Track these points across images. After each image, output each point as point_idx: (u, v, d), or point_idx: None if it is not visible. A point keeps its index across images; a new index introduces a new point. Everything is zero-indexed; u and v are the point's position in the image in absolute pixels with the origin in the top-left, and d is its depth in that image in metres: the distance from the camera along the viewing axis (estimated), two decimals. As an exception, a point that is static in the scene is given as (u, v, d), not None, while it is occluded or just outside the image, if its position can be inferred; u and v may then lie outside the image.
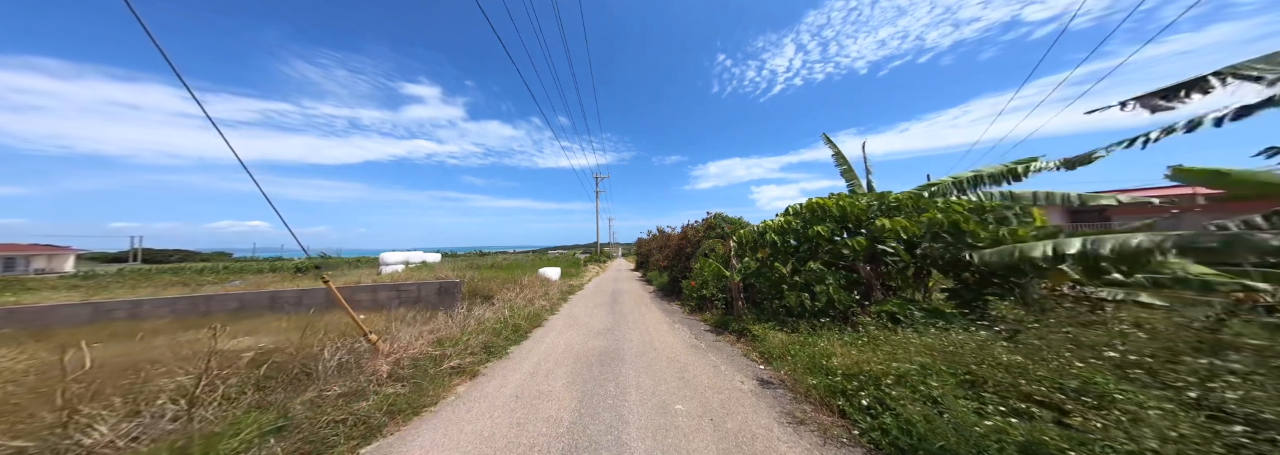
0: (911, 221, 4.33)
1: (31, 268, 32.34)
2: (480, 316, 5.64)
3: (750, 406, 2.80)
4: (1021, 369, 2.19)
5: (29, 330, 5.60)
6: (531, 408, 2.85)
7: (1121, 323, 2.67)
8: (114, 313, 6.33)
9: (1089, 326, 2.68)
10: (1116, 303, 3.35)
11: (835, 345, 3.35)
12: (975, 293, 4.02)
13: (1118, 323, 2.69)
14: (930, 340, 2.94)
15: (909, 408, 2.10)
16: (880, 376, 2.52)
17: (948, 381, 2.27)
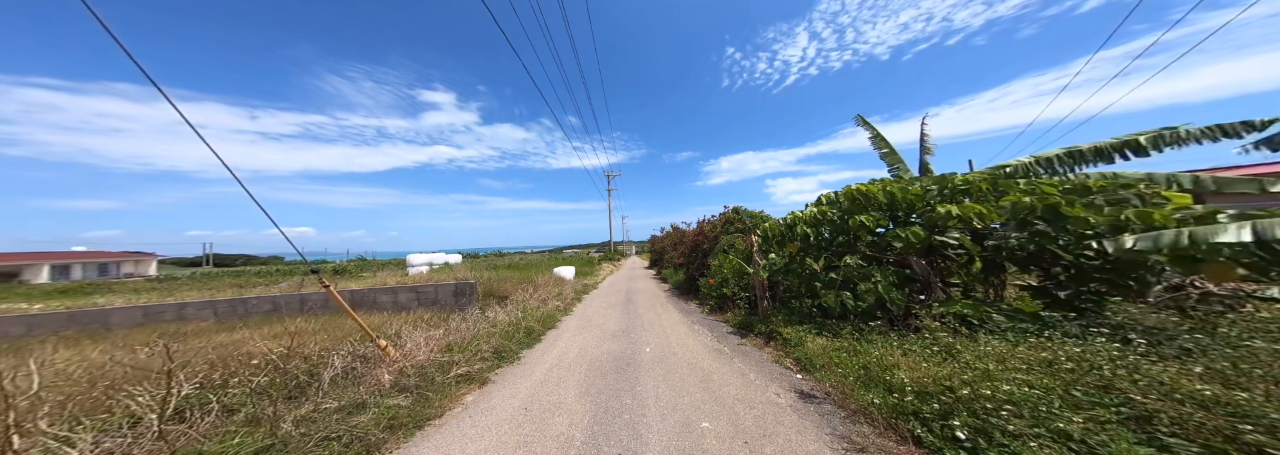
0: (988, 207, 3.62)
1: (122, 272, 36.86)
2: (493, 318, 5.43)
3: (792, 426, 2.31)
4: (1214, 400, 1.51)
5: (87, 331, 6.03)
6: (540, 423, 2.51)
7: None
8: (163, 315, 6.74)
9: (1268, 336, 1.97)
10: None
11: (895, 354, 2.78)
12: (1074, 290, 3.27)
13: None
14: (1029, 351, 2.31)
15: (1034, 448, 1.51)
16: (972, 398, 1.95)
17: (1102, 412, 1.62)
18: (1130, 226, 2.83)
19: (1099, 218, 3.01)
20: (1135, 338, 2.33)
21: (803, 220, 4.87)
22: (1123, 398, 1.70)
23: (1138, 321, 2.51)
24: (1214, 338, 2.00)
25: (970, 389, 2.00)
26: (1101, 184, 3.48)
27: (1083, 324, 2.74)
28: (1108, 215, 3.00)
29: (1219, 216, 2.53)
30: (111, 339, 5.16)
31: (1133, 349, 2.14)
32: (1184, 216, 2.76)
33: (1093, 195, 3.32)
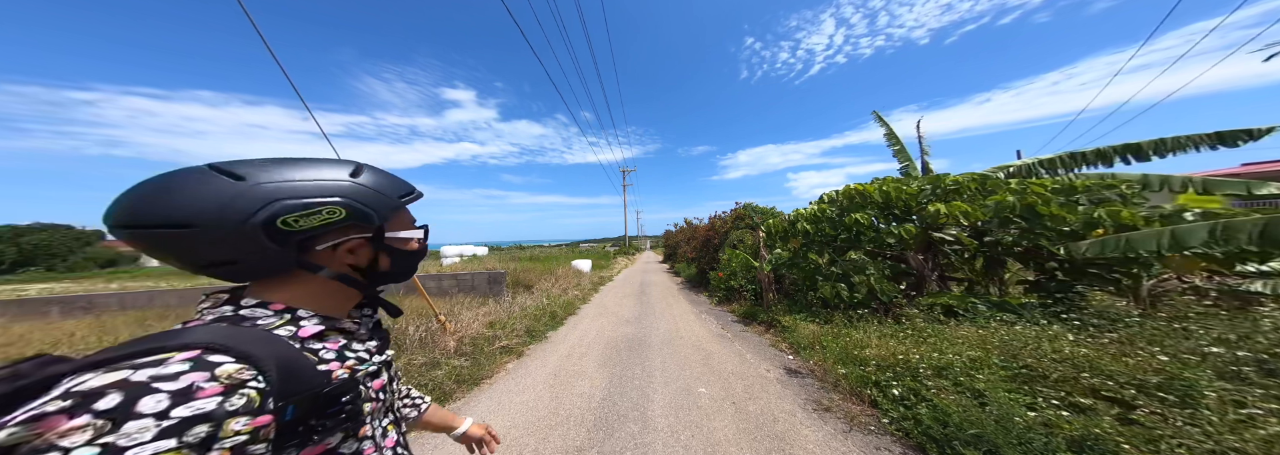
0: (974, 206, 3.86)
1: None
2: (522, 303, 6.21)
3: (774, 393, 2.79)
4: (1088, 362, 1.92)
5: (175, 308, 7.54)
6: (567, 385, 3.15)
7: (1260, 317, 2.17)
8: None
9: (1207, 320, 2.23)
10: (1277, 297, 2.68)
11: (871, 336, 3.18)
12: (1065, 285, 3.47)
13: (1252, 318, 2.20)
14: (986, 333, 2.66)
15: (946, 398, 1.97)
16: (917, 367, 2.38)
17: (997, 374, 2.08)
18: (1102, 224, 3.03)
19: (1073, 216, 3.21)
20: (1094, 322, 2.62)
21: (804, 217, 5.21)
22: (1022, 362, 2.10)
23: (1106, 310, 2.75)
24: (1154, 321, 2.29)
25: (914, 360, 2.43)
26: (1087, 184, 3.61)
27: (1055, 312, 3.00)
28: (1081, 214, 3.19)
29: (1186, 214, 2.68)
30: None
31: (1081, 330, 2.47)
32: (1151, 214, 2.92)
33: (1078, 195, 3.49)
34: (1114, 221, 3.00)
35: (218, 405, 0.36)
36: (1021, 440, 1.56)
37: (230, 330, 0.43)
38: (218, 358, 0.38)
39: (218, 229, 0.43)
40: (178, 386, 0.35)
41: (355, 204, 0.50)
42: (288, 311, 0.49)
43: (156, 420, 0.33)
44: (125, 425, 0.32)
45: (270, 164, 0.48)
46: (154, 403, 0.34)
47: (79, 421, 0.31)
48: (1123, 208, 3.11)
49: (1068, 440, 1.51)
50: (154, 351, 0.37)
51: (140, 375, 0.35)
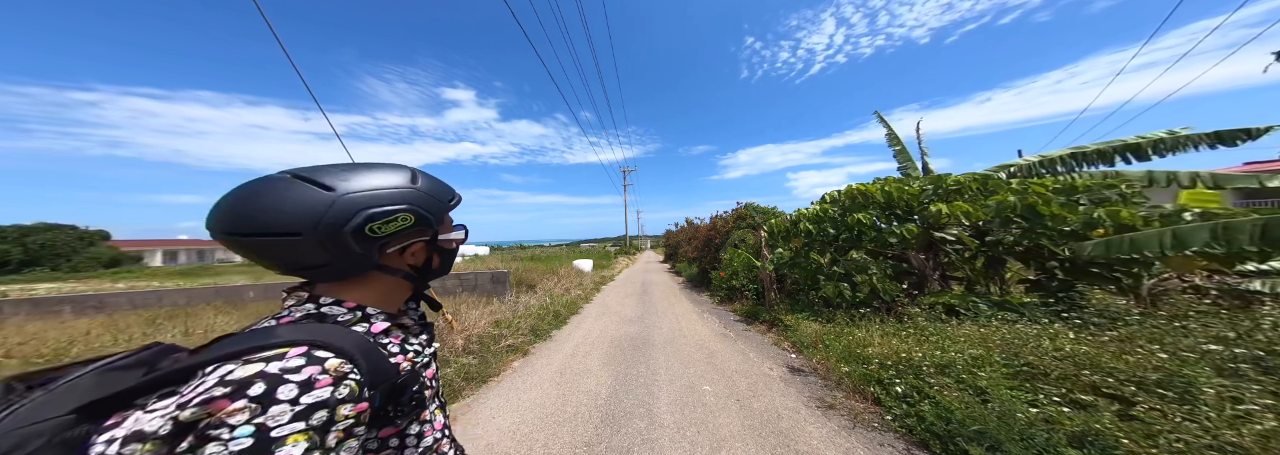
0: (976, 206, 3.89)
1: (216, 258, 42.92)
2: (526, 303, 6.26)
3: (778, 391, 2.83)
4: (1088, 360, 1.96)
5: (232, 302, 7.68)
6: (573, 383, 3.19)
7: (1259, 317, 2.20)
8: (280, 292, 8.43)
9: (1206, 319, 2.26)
10: (1276, 295, 2.71)
11: (873, 335, 3.21)
12: (1066, 284, 3.49)
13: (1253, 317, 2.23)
14: (988, 332, 2.69)
15: (948, 396, 2.01)
16: (920, 365, 2.41)
17: (999, 371, 2.11)
18: (1102, 224, 3.06)
19: (1073, 216, 3.24)
20: (1095, 321, 2.65)
21: (806, 217, 5.24)
22: (1024, 360, 2.14)
23: (1106, 309, 2.78)
24: (1154, 320, 2.32)
25: (917, 358, 2.46)
26: (1088, 184, 3.63)
27: (1056, 311, 3.03)
28: (1081, 214, 3.22)
29: (1185, 214, 2.70)
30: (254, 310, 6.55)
31: (1082, 329, 2.50)
32: (1151, 214, 2.94)
33: (1078, 194, 3.51)
34: (1114, 221, 3.03)
35: (330, 394, 0.42)
36: (1023, 436, 1.59)
37: (325, 328, 0.48)
38: (322, 353, 0.44)
39: (319, 236, 0.48)
40: (302, 378, 0.41)
41: (420, 210, 0.55)
42: (359, 309, 0.54)
43: (290, 406, 0.39)
44: (270, 409, 0.39)
45: (344, 172, 0.53)
46: (288, 391, 0.40)
47: (238, 404, 0.38)
48: (1122, 208, 3.14)
49: (1069, 436, 1.55)
50: (269, 347, 0.43)
51: (273, 368, 0.41)
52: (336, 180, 0.51)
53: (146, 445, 0.36)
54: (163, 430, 0.36)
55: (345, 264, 0.51)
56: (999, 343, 2.47)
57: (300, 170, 0.52)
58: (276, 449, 0.37)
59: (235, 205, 0.48)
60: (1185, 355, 1.88)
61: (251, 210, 0.47)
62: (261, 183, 0.50)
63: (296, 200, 0.48)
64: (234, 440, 0.36)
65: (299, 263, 0.50)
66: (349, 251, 0.50)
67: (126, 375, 0.45)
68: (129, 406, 0.42)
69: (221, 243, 0.49)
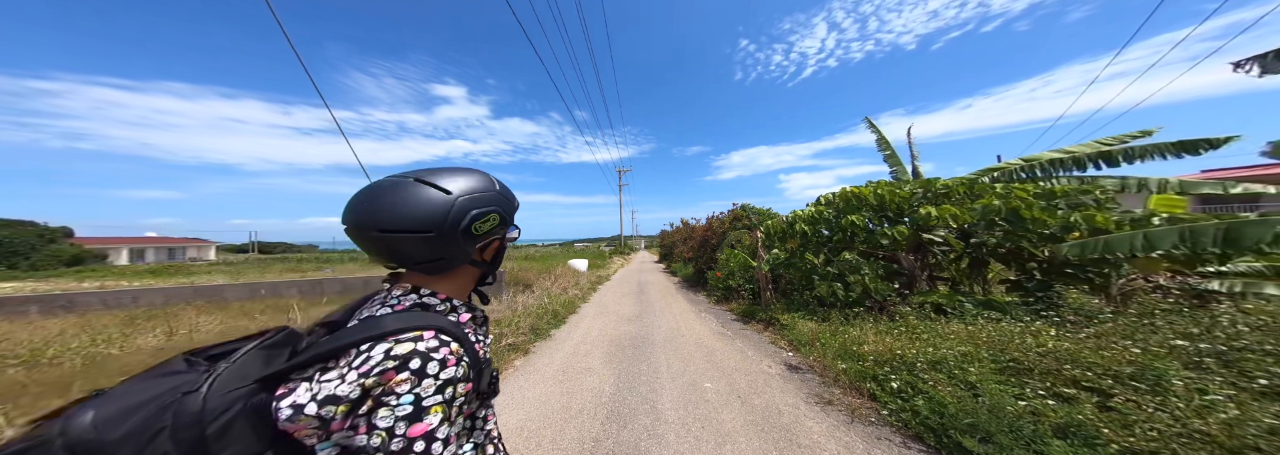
0: (963, 209, 4.06)
1: (186, 257, 41.00)
2: (524, 302, 6.23)
3: (778, 388, 2.92)
4: (1070, 355, 2.10)
5: (213, 302, 7.37)
6: (576, 381, 3.22)
7: (1219, 314, 2.39)
8: (261, 291, 8.14)
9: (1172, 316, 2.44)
10: (1232, 295, 2.93)
11: (868, 333, 3.33)
12: (1043, 284, 3.70)
13: (1211, 314, 2.41)
14: (975, 330, 2.83)
15: (941, 390, 2.12)
16: (913, 362, 2.52)
17: (987, 367, 2.24)
18: (1078, 227, 3.25)
19: (1053, 220, 3.43)
20: (1071, 319, 2.83)
21: (802, 219, 5.37)
22: (1010, 356, 2.27)
23: (1082, 308, 2.97)
24: (1125, 317, 2.49)
25: (911, 355, 2.58)
26: (1066, 189, 3.85)
27: (1036, 309, 3.21)
28: (1059, 218, 3.41)
29: (1153, 220, 2.90)
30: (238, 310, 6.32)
31: (1060, 326, 2.66)
32: (1123, 218, 3.15)
33: (1057, 199, 3.72)
34: (1089, 225, 3.23)
35: (455, 373, 0.49)
36: (1012, 428, 1.70)
37: (434, 316, 0.54)
38: (445, 337, 0.51)
39: (443, 233, 0.54)
40: (440, 357, 0.48)
41: (504, 211, 0.63)
42: (448, 301, 0.61)
43: (434, 380, 0.47)
44: (423, 381, 0.46)
45: (451, 176, 0.59)
46: (433, 367, 0.47)
47: (403, 376, 0.46)
48: (1097, 212, 3.34)
49: (1053, 427, 1.66)
50: (408, 329, 0.50)
51: (421, 346, 0.48)
52: (447, 183, 0.57)
53: (340, 407, 0.45)
54: (352, 394, 0.45)
55: (454, 259, 0.58)
56: (986, 340, 2.61)
57: (414, 174, 0.58)
58: (424, 417, 0.45)
59: (383, 206, 0.53)
60: (1155, 350, 2.03)
61: (396, 211, 0.53)
62: (394, 186, 0.55)
63: (429, 202, 0.54)
64: (399, 406, 0.44)
65: (423, 257, 0.56)
66: (460, 248, 0.57)
67: (279, 353, 0.53)
68: (291, 379, 0.49)
69: (360, 237, 0.54)
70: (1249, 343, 1.92)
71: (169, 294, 7.96)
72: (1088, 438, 1.55)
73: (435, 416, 0.45)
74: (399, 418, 0.44)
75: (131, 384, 0.46)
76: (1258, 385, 1.60)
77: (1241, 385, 1.65)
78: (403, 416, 0.44)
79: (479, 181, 0.60)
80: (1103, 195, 3.71)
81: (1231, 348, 1.92)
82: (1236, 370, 1.76)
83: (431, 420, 0.45)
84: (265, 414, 0.46)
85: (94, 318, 5.94)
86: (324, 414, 0.45)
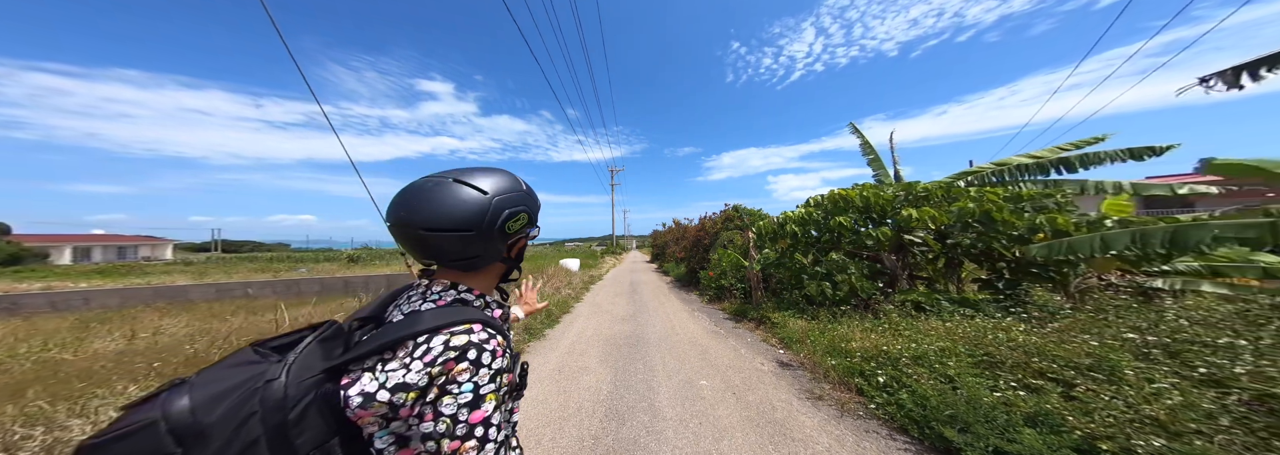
0: (940, 211, 4.29)
1: (139, 256, 37.98)
2: (518, 303, 6.16)
3: (770, 384, 3.02)
4: (1037, 349, 2.28)
5: (176, 303, 6.88)
6: (573, 380, 3.23)
7: (1164, 309, 2.64)
8: (233, 292, 7.66)
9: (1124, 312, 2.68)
10: (1174, 292, 3.24)
11: (855, 331, 3.49)
12: (1012, 282, 3.97)
13: (1157, 309, 2.67)
14: (953, 326, 3.02)
15: (924, 384, 2.25)
16: (897, 358, 2.67)
17: (964, 362, 2.40)
18: (1043, 229, 3.52)
19: (1020, 222, 3.70)
20: (1036, 315, 3.06)
21: (792, 220, 5.54)
22: (984, 350, 2.45)
23: (1043, 305, 3.22)
24: (1082, 313, 2.73)
25: (895, 351, 2.73)
26: (1032, 193, 4.15)
27: (1005, 306, 3.45)
28: (1026, 220, 3.68)
29: (1106, 223, 3.19)
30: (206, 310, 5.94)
31: (1027, 322, 2.88)
32: (1080, 221, 3.44)
33: (1024, 202, 4.00)
34: (1052, 227, 3.50)
35: (504, 363, 0.53)
36: (988, 418, 1.84)
37: (480, 313, 0.57)
38: (491, 330, 0.54)
39: (482, 232, 0.57)
40: (491, 347, 0.52)
41: (531, 210, 0.66)
42: (482, 297, 0.64)
43: (488, 370, 0.51)
44: (479, 371, 0.50)
45: (485, 176, 0.61)
46: (486, 358, 0.51)
47: (464, 366, 0.49)
48: (1058, 215, 3.62)
49: (1024, 416, 1.81)
50: (459, 322, 0.52)
51: (475, 338, 0.51)
52: (483, 183, 0.59)
53: (411, 393, 0.48)
54: (421, 382, 0.48)
55: (489, 256, 0.61)
56: (962, 336, 2.79)
57: (452, 175, 0.60)
58: (482, 404, 0.48)
59: (430, 206, 0.56)
60: (1110, 343, 2.23)
61: (441, 210, 0.55)
62: (436, 186, 0.57)
63: (469, 202, 0.56)
64: (461, 394, 0.48)
65: (462, 254, 0.58)
66: (494, 245, 0.60)
67: (335, 345, 0.56)
68: (349, 370, 0.51)
69: (403, 235, 0.56)
70: (1190, 335, 2.14)
71: (125, 295, 7.42)
72: (1054, 425, 1.70)
73: (490, 404, 0.49)
74: (462, 405, 0.47)
75: (214, 371, 0.48)
76: (1197, 374, 1.80)
77: (1184, 374, 1.84)
78: (465, 403, 0.47)
79: (510, 182, 0.62)
80: (1063, 199, 4.02)
81: (1175, 340, 2.13)
82: (1180, 360, 1.96)
83: (488, 407, 0.48)
84: (333, 401, 0.48)
85: (42, 321, 5.49)
86: (396, 400, 0.47)
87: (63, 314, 6.28)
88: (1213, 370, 1.79)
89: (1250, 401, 1.59)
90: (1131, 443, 1.51)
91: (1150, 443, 1.48)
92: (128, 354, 3.55)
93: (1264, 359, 1.76)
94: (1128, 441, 1.52)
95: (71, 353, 3.77)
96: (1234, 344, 1.88)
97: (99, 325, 5.14)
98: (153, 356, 3.34)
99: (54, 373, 3.00)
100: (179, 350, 3.56)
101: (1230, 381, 1.71)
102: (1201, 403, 1.62)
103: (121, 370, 2.98)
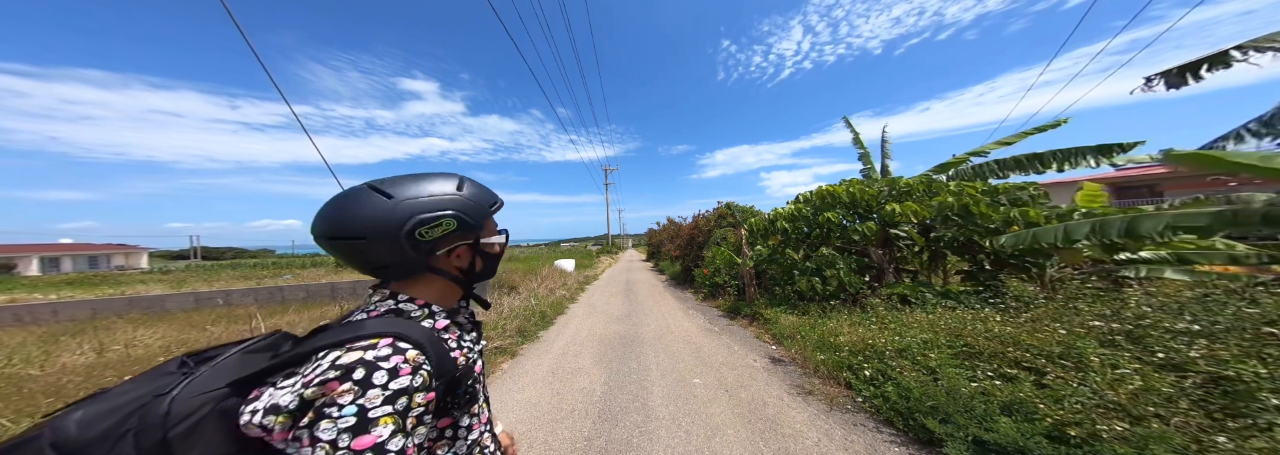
0: (922, 206, 4.40)
1: (113, 265, 36.34)
2: (510, 305, 6.13)
3: (762, 380, 3.08)
4: (1011, 339, 2.37)
5: (151, 313, 6.63)
6: (567, 381, 3.24)
7: (1128, 296, 2.77)
8: (213, 300, 7.41)
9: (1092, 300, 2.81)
10: (1140, 280, 3.39)
11: (843, 325, 3.57)
12: (991, 274, 4.10)
13: (1121, 297, 2.80)
14: (935, 318, 3.12)
15: (907, 376, 2.33)
16: (883, 351, 2.75)
17: (945, 353, 2.48)
18: (1016, 222, 3.66)
19: (996, 215, 3.83)
20: (1013, 305, 3.18)
21: (783, 216, 5.61)
22: (964, 342, 2.55)
23: (1021, 295, 3.34)
24: (1054, 302, 2.85)
25: (880, 344, 2.81)
26: (1007, 187, 4.31)
27: (985, 297, 3.57)
28: (1002, 213, 3.81)
29: (1075, 214, 3.33)
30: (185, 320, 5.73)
31: (1004, 312, 2.99)
32: (1051, 214, 3.59)
33: (1000, 195, 4.15)
34: (1025, 219, 3.63)
35: (410, 382, 0.48)
36: (967, 408, 1.92)
37: (403, 322, 0.54)
38: (403, 345, 0.50)
39: (380, 239, 0.54)
40: (390, 366, 0.47)
41: (463, 215, 0.59)
42: (426, 306, 0.60)
43: (382, 390, 0.45)
44: (368, 392, 0.45)
45: (406, 181, 0.58)
46: (380, 377, 0.46)
47: (345, 386, 0.44)
48: (1031, 208, 3.76)
49: (1001, 405, 1.89)
50: (364, 337, 0.49)
51: (369, 355, 0.47)
52: (395, 188, 0.57)
53: (280, 416, 0.43)
54: (292, 405, 0.44)
55: (405, 265, 0.57)
56: (944, 327, 2.88)
57: (375, 181, 0.58)
58: (371, 428, 0.43)
59: (330, 213, 0.54)
60: (1077, 331, 2.34)
61: (338, 217, 0.54)
62: (349, 192, 0.56)
63: (368, 207, 0.54)
64: (342, 418, 0.43)
65: (372, 263, 0.56)
66: (406, 254, 0.56)
67: (260, 357, 0.52)
68: (264, 384, 0.49)
69: (319, 244, 0.56)
70: (1151, 321, 2.26)
71: (97, 306, 7.12)
72: (1028, 413, 1.77)
73: (385, 428, 0.43)
74: (342, 429, 0.42)
75: (126, 384, 0.46)
76: (1157, 358, 1.90)
77: (1145, 360, 1.94)
78: (346, 428, 0.42)
79: (434, 186, 0.58)
80: (1037, 192, 4.18)
81: (1137, 326, 2.25)
82: (1141, 346, 2.07)
83: (380, 432, 0.43)
84: (233, 418, 0.46)
85: (5, 335, 5.24)
86: (264, 423, 0.43)
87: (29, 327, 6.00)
88: (1171, 354, 1.88)
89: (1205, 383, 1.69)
90: (1097, 428, 1.59)
91: (1113, 427, 1.57)
92: (98, 367, 3.42)
93: (1217, 342, 1.86)
94: (1094, 427, 1.60)
95: (38, 367, 3.61)
96: (1190, 329, 1.98)
97: (69, 338, 4.92)
98: (124, 369, 3.23)
99: (19, 389, 2.87)
100: (152, 362, 3.44)
101: (1188, 366, 1.81)
102: (1161, 387, 1.71)
103: (91, 384, 2.89)
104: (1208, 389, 1.68)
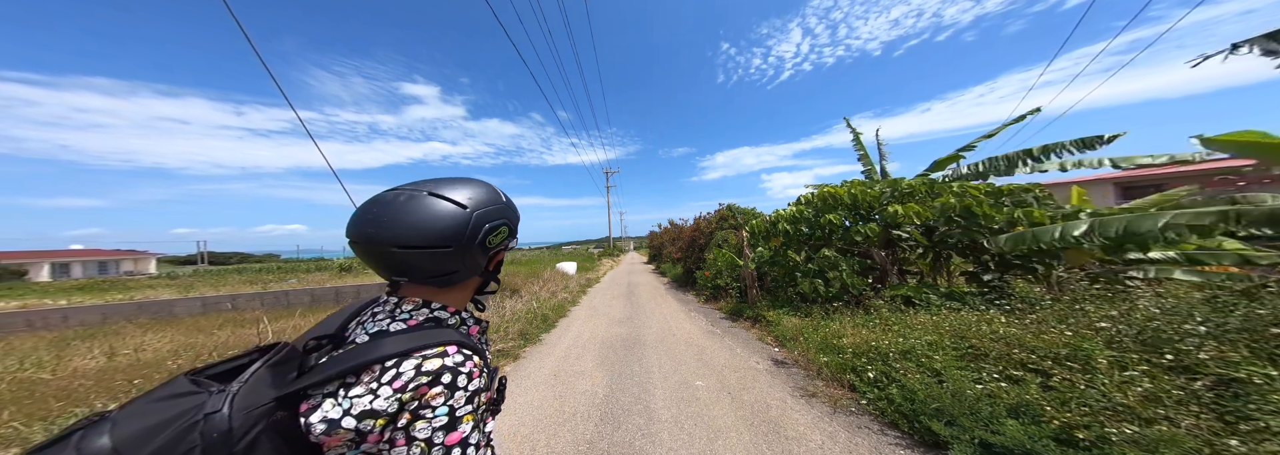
0: (924, 207, 4.38)
1: (121, 270, 36.84)
2: (512, 308, 6.14)
3: (765, 383, 3.06)
4: (1017, 340, 2.35)
5: (160, 318, 6.71)
6: (569, 384, 3.23)
7: (1135, 297, 2.74)
8: (221, 305, 7.51)
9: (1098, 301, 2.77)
10: (1148, 281, 3.34)
11: (846, 327, 3.54)
12: (996, 275, 4.07)
13: (1128, 297, 2.76)
14: (939, 319, 3.09)
15: (912, 378, 2.31)
16: (887, 353, 2.72)
17: (949, 355, 2.46)
18: (1020, 223, 3.63)
19: (1000, 215, 3.80)
20: (1018, 306, 3.14)
21: (784, 218, 5.60)
22: (969, 343, 2.52)
23: (1024, 296, 3.31)
24: (1060, 303, 2.82)
25: (884, 346, 2.79)
26: (1010, 188, 4.28)
27: (990, 299, 3.54)
28: (1005, 214, 3.79)
29: (1081, 214, 3.30)
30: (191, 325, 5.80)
31: (1010, 313, 2.96)
32: (1055, 214, 3.55)
33: (1004, 197, 4.12)
34: (1028, 220, 3.60)
35: (480, 384, 0.53)
36: (972, 410, 1.89)
37: (456, 333, 0.56)
38: (466, 351, 0.54)
39: (461, 247, 0.56)
40: (467, 370, 0.52)
41: (511, 223, 0.65)
42: (457, 315, 0.63)
43: (464, 392, 0.51)
44: (455, 394, 0.50)
45: (463, 188, 0.60)
46: (463, 380, 0.51)
47: (436, 390, 0.49)
48: (1035, 208, 3.73)
49: (1007, 407, 1.86)
50: (432, 345, 0.52)
51: (449, 362, 0.51)
52: (460, 196, 0.58)
53: (379, 420, 0.47)
54: (390, 409, 0.47)
55: (468, 271, 0.60)
56: (948, 329, 2.85)
57: (426, 186, 0.58)
58: (459, 426, 0.49)
59: (397, 221, 0.54)
60: (1084, 333, 2.31)
61: (415, 226, 0.54)
62: (409, 200, 0.56)
63: (445, 217, 0.55)
64: (436, 417, 0.48)
65: (439, 270, 0.57)
66: (474, 260, 0.59)
67: (287, 369, 0.54)
68: (308, 395, 0.50)
69: (370, 252, 0.55)
70: (1159, 323, 2.23)
71: (106, 311, 7.21)
72: (1034, 416, 1.75)
73: (468, 425, 0.50)
74: (437, 428, 0.48)
75: (140, 405, 0.46)
76: (1165, 361, 1.87)
77: (1154, 361, 1.91)
78: (440, 427, 0.48)
79: (489, 194, 0.61)
80: (1041, 192, 4.15)
81: (1145, 328, 2.21)
82: (1150, 347, 2.04)
83: (465, 428, 0.49)
84: (286, 430, 0.48)
85: (17, 340, 5.31)
86: (362, 427, 0.47)
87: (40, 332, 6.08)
88: (1180, 356, 1.86)
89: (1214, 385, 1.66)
90: (1106, 431, 1.57)
91: (1123, 430, 1.54)
92: (108, 371, 3.46)
93: (1227, 344, 1.83)
94: (1102, 430, 1.58)
95: (49, 371, 3.66)
96: (1198, 330, 1.95)
97: (79, 343, 4.99)
98: (134, 373, 3.26)
99: (31, 393, 2.91)
100: (162, 366, 3.48)
101: (1198, 368, 1.78)
102: (1170, 389, 1.69)
103: (101, 388, 2.92)
104: (1218, 391, 1.65)
